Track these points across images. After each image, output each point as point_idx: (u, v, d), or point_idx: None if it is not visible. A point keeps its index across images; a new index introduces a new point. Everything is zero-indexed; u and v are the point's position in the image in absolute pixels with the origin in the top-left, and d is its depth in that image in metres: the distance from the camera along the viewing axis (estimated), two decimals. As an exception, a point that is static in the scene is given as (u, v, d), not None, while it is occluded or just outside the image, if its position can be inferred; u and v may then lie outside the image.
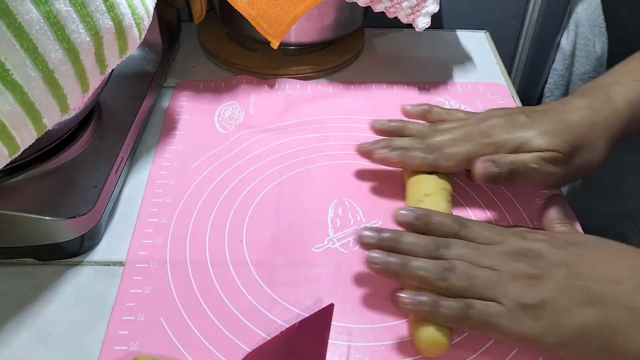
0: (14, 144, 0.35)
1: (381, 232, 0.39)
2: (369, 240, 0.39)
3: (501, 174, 0.42)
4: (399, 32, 0.71)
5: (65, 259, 0.43)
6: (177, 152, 0.52)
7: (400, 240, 0.38)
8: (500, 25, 0.75)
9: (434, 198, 0.44)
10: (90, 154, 0.46)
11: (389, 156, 0.46)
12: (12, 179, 0.42)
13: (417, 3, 0.56)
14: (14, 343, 0.38)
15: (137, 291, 0.41)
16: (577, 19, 0.77)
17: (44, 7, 0.33)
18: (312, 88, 0.61)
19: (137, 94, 0.53)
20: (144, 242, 0.44)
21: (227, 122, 0.56)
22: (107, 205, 0.45)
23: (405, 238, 0.39)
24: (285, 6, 0.56)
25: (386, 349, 0.38)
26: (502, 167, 0.42)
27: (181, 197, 0.48)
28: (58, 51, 0.34)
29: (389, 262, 0.37)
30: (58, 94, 0.36)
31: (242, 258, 0.43)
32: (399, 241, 0.38)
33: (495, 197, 0.49)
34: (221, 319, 0.39)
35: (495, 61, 0.67)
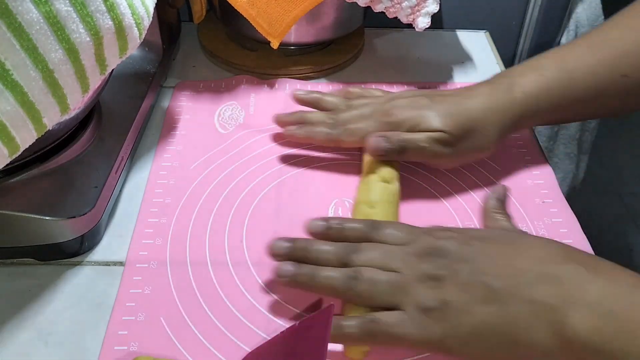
0: (14, 144, 0.35)
1: (293, 241, 0.39)
2: (279, 250, 0.39)
3: (392, 149, 0.45)
4: (399, 32, 0.71)
5: (65, 259, 0.43)
6: (177, 152, 0.52)
7: (311, 248, 0.38)
8: (500, 25, 0.75)
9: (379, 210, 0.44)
10: (90, 154, 0.46)
11: (296, 133, 0.50)
12: (12, 179, 0.42)
13: (417, 3, 0.56)
14: (14, 343, 0.38)
15: (137, 291, 0.41)
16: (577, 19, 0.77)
17: (44, 7, 0.33)
18: (311, 88, 0.61)
19: (137, 94, 0.53)
20: (144, 242, 0.44)
21: (227, 122, 0.56)
22: (107, 205, 0.45)
23: (316, 246, 0.39)
24: (285, 6, 0.56)
25: (386, 348, 0.38)
26: (393, 144, 0.45)
27: (181, 197, 0.48)
28: (58, 51, 0.34)
29: (298, 274, 0.37)
30: (58, 94, 0.36)
31: (242, 258, 0.43)
32: (309, 250, 0.38)
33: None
34: (221, 319, 0.39)
35: (495, 61, 0.67)
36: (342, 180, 0.50)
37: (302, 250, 0.38)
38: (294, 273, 0.37)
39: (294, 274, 0.37)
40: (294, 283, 0.37)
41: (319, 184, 0.50)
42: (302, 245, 0.39)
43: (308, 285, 0.37)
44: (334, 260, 0.38)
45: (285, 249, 0.39)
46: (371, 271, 0.37)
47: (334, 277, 0.37)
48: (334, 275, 0.37)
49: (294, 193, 0.49)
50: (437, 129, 0.45)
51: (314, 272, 0.37)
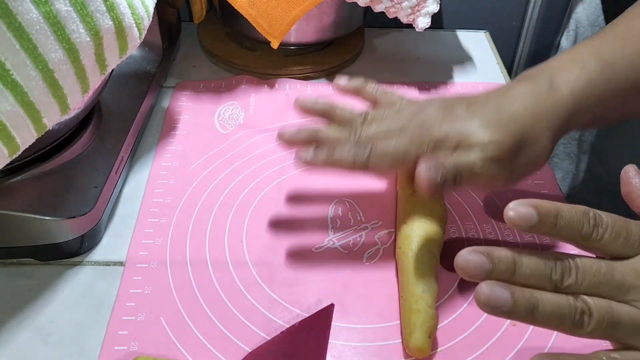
0: (14, 144, 0.35)
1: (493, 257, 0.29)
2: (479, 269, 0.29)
3: (446, 182, 0.37)
4: (399, 32, 0.71)
5: (65, 259, 0.43)
6: (177, 152, 0.52)
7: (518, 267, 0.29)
8: (500, 25, 0.75)
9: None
10: (90, 154, 0.46)
11: (313, 161, 0.39)
12: (12, 179, 0.42)
13: (417, 3, 0.56)
14: (14, 343, 0.38)
15: (137, 291, 0.41)
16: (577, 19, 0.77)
17: (44, 7, 0.33)
18: (312, 88, 0.61)
19: (137, 94, 0.53)
20: (144, 242, 0.44)
21: (227, 122, 0.56)
22: (107, 205, 0.45)
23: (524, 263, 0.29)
24: (285, 6, 0.56)
25: (387, 348, 0.38)
26: (446, 176, 0.37)
27: (181, 197, 0.48)
28: (58, 51, 0.34)
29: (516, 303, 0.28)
30: (58, 94, 0.36)
31: (242, 258, 0.43)
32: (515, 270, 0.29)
33: (495, 196, 0.49)
34: (221, 319, 0.39)
35: (495, 61, 0.67)
36: (342, 180, 0.50)
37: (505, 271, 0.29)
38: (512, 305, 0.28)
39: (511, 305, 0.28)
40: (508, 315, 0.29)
41: (319, 184, 0.50)
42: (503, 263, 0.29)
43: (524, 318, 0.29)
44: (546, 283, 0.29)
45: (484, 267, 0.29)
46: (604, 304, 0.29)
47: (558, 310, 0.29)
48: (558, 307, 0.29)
49: (294, 193, 0.49)
50: (488, 142, 0.38)
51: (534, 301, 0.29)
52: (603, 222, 0.30)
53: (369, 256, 0.44)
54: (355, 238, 0.45)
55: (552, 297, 0.29)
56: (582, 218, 0.30)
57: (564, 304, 0.29)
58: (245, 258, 0.43)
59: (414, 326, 0.36)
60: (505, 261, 0.29)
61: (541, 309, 0.28)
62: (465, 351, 0.38)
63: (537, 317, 0.28)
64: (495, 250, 0.29)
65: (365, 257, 0.44)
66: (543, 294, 0.29)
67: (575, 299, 0.29)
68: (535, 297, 0.29)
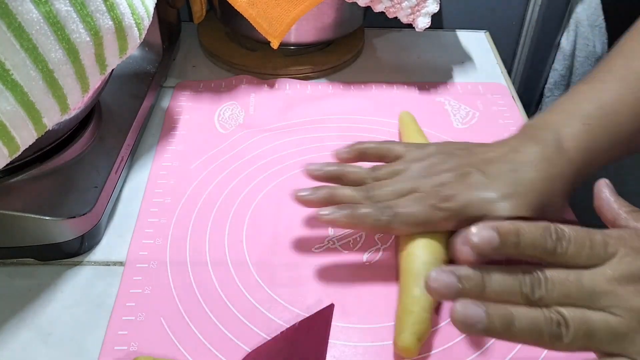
0: (14, 144, 0.35)
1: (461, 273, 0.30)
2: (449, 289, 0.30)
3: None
4: (399, 32, 0.71)
5: (65, 259, 0.43)
6: (177, 152, 0.52)
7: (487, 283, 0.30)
8: (500, 25, 0.75)
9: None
10: (90, 154, 0.46)
11: (335, 219, 0.40)
12: (12, 179, 0.42)
13: (417, 3, 0.56)
14: (14, 343, 0.38)
15: (137, 291, 0.41)
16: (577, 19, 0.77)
17: (44, 7, 0.33)
18: (312, 88, 0.61)
19: (137, 94, 0.53)
20: (144, 242, 0.44)
21: (227, 122, 0.56)
22: (107, 205, 0.45)
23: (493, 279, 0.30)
24: (285, 6, 0.56)
25: (387, 348, 0.38)
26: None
27: (181, 197, 0.48)
28: (58, 51, 0.34)
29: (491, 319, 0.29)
30: (58, 94, 0.36)
31: (242, 258, 0.43)
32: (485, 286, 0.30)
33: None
34: (221, 319, 0.39)
35: (496, 61, 0.67)
36: (342, 180, 0.50)
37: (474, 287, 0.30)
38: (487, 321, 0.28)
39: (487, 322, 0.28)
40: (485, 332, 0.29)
41: (319, 183, 0.50)
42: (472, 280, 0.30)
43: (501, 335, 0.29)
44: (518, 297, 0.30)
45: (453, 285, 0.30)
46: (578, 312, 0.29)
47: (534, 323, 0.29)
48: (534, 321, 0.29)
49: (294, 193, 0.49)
50: (511, 215, 0.38)
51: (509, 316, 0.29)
52: (565, 235, 0.30)
53: (369, 256, 0.44)
54: (355, 238, 0.45)
55: (527, 311, 0.29)
56: (544, 233, 0.30)
57: (539, 316, 0.29)
58: (245, 258, 0.43)
59: (404, 326, 0.37)
60: (474, 278, 0.30)
61: (517, 324, 0.28)
62: (460, 354, 0.38)
63: (515, 331, 0.28)
64: (461, 268, 0.30)
65: (365, 257, 0.44)
66: (518, 308, 0.29)
67: (549, 310, 0.29)
68: (510, 312, 0.29)
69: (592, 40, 0.79)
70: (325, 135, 0.55)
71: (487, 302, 0.29)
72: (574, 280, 0.30)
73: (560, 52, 0.79)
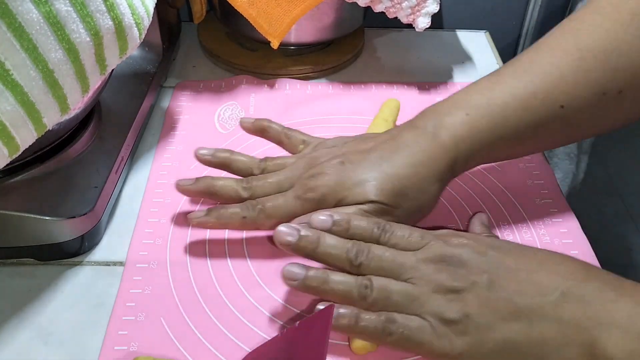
0: (14, 144, 0.35)
1: (300, 230, 0.36)
2: (287, 239, 0.36)
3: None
4: (399, 32, 0.71)
5: (65, 259, 0.43)
6: (177, 152, 0.52)
7: (320, 243, 0.36)
8: (500, 25, 0.75)
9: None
10: (90, 154, 0.46)
11: (203, 221, 0.42)
12: (12, 179, 0.42)
13: (417, 3, 0.56)
14: (14, 343, 0.38)
15: (137, 291, 0.41)
16: (577, 19, 0.77)
17: (44, 7, 0.33)
18: (312, 88, 0.61)
19: (137, 94, 0.53)
20: (144, 242, 0.44)
21: (227, 122, 0.56)
22: (107, 205, 0.45)
23: (325, 239, 0.36)
24: (285, 6, 0.56)
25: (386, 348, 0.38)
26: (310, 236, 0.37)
27: (181, 197, 0.48)
28: (58, 51, 0.34)
29: (308, 277, 0.35)
30: (58, 94, 0.36)
31: (242, 258, 0.43)
32: (318, 244, 0.36)
33: (495, 196, 0.49)
34: (221, 319, 0.39)
35: (495, 61, 0.67)
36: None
37: (310, 243, 0.36)
38: (306, 276, 0.35)
39: (305, 276, 0.35)
40: (304, 287, 0.35)
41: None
42: (310, 238, 0.36)
43: (318, 290, 0.35)
44: (344, 259, 0.36)
45: (295, 238, 0.36)
46: (384, 280, 0.35)
47: (345, 284, 0.35)
48: (345, 282, 0.35)
49: (294, 193, 0.49)
50: (365, 200, 0.39)
51: (325, 277, 0.35)
52: (389, 228, 0.37)
53: (369, 256, 0.44)
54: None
55: (341, 275, 0.36)
56: (372, 224, 0.37)
57: (351, 279, 0.35)
58: (245, 258, 0.43)
59: None
60: (311, 236, 0.36)
61: (331, 283, 0.35)
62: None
63: (327, 289, 0.35)
64: (304, 227, 0.36)
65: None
66: (335, 273, 0.36)
67: (362, 277, 0.35)
68: (327, 273, 0.35)
69: (592, 40, 0.79)
70: (325, 135, 0.54)
71: (310, 267, 0.35)
72: (389, 255, 0.36)
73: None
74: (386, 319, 0.34)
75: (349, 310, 0.35)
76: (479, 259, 0.35)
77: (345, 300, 0.35)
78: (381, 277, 0.35)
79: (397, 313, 0.34)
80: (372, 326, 0.34)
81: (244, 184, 0.43)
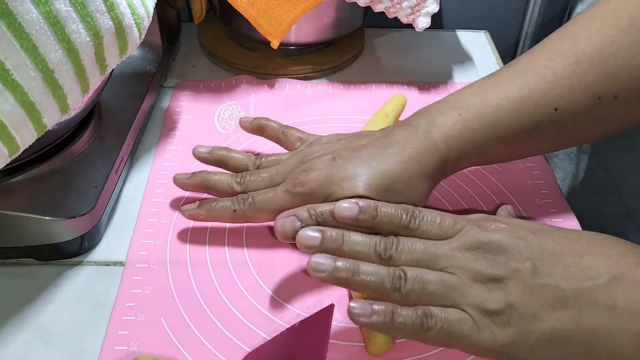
0: (14, 144, 0.35)
1: (322, 232, 0.35)
2: (310, 242, 0.35)
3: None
4: (399, 32, 0.71)
5: (65, 259, 0.43)
6: (177, 152, 0.52)
7: (344, 241, 0.35)
8: (500, 25, 0.75)
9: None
10: (90, 154, 0.46)
11: (194, 214, 0.43)
12: (12, 179, 0.42)
13: (417, 3, 0.56)
14: (14, 343, 0.38)
15: (137, 291, 0.41)
16: (577, 19, 0.77)
17: (44, 7, 0.33)
18: (312, 88, 0.61)
19: (137, 94, 0.53)
20: (144, 242, 0.44)
21: (227, 122, 0.56)
22: (107, 205, 0.45)
23: (350, 237, 0.35)
24: (285, 6, 0.56)
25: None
26: (307, 222, 0.37)
27: (181, 197, 0.48)
28: (58, 51, 0.34)
29: (337, 268, 0.33)
30: (58, 94, 0.36)
31: (242, 258, 0.43)
32: (342, 243, 0.35)
33: (495, 196, 0.49)
34: (221, 319, 0.39)
35: (495, 61, 0.67)
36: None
37: (333, 242, 0.35)
38: (334, 267, 0.33)
39: (334, 268, 0.33)
40: (332, 279, 0.33)
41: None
42: (333, 236, 0.35)
43: (347, 282, 0.33)
44: (372, 255, 0.34)
45: (318, 240, 0.34)
46: (418, 270, 0.34)
47: (377, 275, 0.33)
48: (377, 272, 0.33)
49: (294, 193, 0.49)
50: (352, 194, 0.38)
51: (355, 267, 0.33)
52: (418, 214, 0.36)
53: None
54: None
55: (373, 265, 0.34)
56: (400, 211, 0.36)
57: (382, 270, 0.34)
58: (245, 258, 0.43)
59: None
60: (334, 235, 0.35)
61: (362, 274, 0.33)
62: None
63: (358, 280, 0.33)
64: (327, 228, 0.35)
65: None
66: (365, 263, 0.34)
67: (395, 268, 0.34)
68: (357, 264, 0.34)
69: (592, 40, 0.79)
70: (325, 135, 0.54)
71: (338, 257, 0.34)
72: (421, 245, 0.35)
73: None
74: (423, 313, 0.32)
75: (384, 307, 0.33)
76: (519, 244, 0.34)
77: (377, 292, 0.33)
78: (414, 268, 0.34)
79: (434, 306, 0.33)
80: (409, 323, 0.32)
81: (238, 178, 0.43)
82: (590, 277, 0.32)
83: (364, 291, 0.35)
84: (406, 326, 0.32)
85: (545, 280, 0.32)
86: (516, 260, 0.33)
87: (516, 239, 0.34)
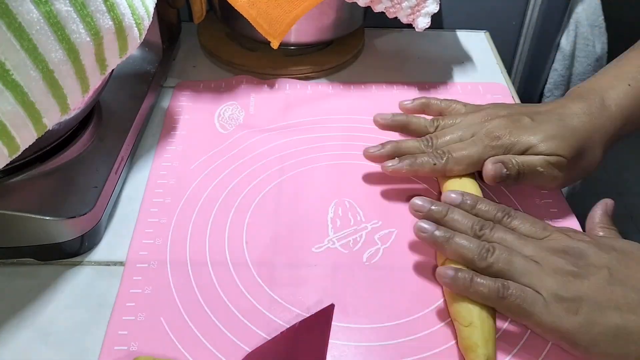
0: (14, 144, 0.35)
1: (432, 203, 0.41)
2: (419, 208, 0.41)
3: (510, 175, 0.44)
4: (399, 32, 0.71)
5: (65, 259, 0.43)
6: (177, 152, 0.52)
7: (448, 215, 0.41)
8: (500, 25, 0.75)
9: None
10: (90, 154, 0.46)
11: (398, 168, 0.46)
12: (12, 179, 0.42)
13: (417, 3, 0.56)
14: (14, 343, 0.38)
15: (137, 291, 0.41)
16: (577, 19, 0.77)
17: (44, 7, 0.33)
18: (312, 88, 0.61)
19: (137, 94, 0.53)
20: (144, 242, 0.44)
21: (227, 122, 0.56)
22: (107, 205, 0.45)
23: (453, 214, 0.41)
24: (285, 6, 0.56)
25: (387, 348, 0.38)
26: (511, 169, 0.44)
27: (181, 197, 0.48)
28: (58, 51, 0.34)
29: (435, 234, 0.39)
30: (58, 94, 0.36)
31: (242, 258, 0.43)
32: (446, 215, 0.41)
33: (496, 197, 0.49)
34: (221, 319, 0.39)
35: (495, 61, 0.67)
36: (342, 180, 0.50)
37: (439, 213, 0.41)
38: (433, 233, 0.39)
39: (433, 233, 0.39)
40: (431, 241, 0.39)
41: (319, 184, 0.50)
42: (439, 209, 0.41)
43: (442, 246, 0.39)
44: (467, 230, 0.40)
45: (425, 209, 0.41)
46: (506, 250, 0.38)
47: (468, 245, 0.38)
48: (468, 244, 0.38)
49: (294, 193, 0.49)
50: (553, 152, 0.44)
51: (451, 235, 0.39)
52: (513, 213, 0.41)
53: (369, 256, 0.44)
54: (355, 238, 0.45)
55: (466, 236, 0.39)
56: (499, 207, 0.41)
57: (474, 241, 0.39)
58: (245, 258, 0.43)
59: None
60: (441, 207, 0.41)
61: (456, 240, 0.39)
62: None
63: (451, 244, 0.39)
64: (437, 202, 0.42)
65: (365, 257, 0.44)
66: (460, 234, 0.39)
67: (486, 243, 0.39)
68: (453, 232, 0.39)
69: (592, 41, 0.79)
70: (325, 135, 0.55)
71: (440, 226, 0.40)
72: (511, 236, 0.39)
73: (560, 52, 0.79)
74: (502, 284, 0.36)
75: (466, 273, 0.37)
76: (600, 254, 0.37)
77: (465, 258, 0.38)
78: (504, 247, 0.38)
79: (512, 282, 0.37)
80: (486, 288, 0.36)
81: (426, 141, 0.48)
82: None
83: (453, 255, 0.39)
84: (483, 291, 0.36)
85: (617, 286, 0.36)
86: (595, 266, 0.37)
87: (599, 250, 0.38)
